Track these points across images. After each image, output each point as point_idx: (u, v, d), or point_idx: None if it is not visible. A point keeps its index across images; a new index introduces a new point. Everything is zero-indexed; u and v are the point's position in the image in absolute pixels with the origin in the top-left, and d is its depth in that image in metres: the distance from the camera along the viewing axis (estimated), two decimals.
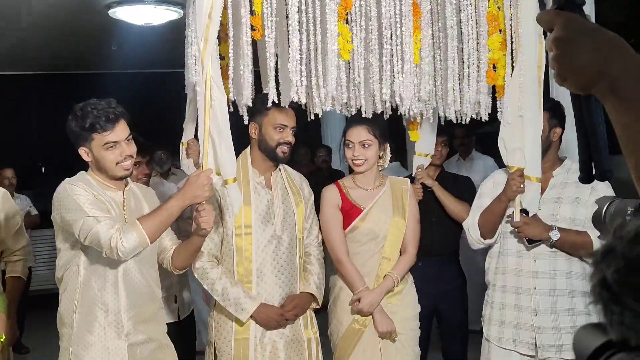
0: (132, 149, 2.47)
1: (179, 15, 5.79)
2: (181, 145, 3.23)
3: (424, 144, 3.45)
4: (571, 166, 2.91)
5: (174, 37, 3.09)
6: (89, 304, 2.43)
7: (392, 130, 3.24)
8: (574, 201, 2.82)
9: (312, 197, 3.04)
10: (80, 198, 2.35)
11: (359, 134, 2.97)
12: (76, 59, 7.76)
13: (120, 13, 5.73)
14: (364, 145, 2.96)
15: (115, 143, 2.39)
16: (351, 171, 3.12)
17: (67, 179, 2.47)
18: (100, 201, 2.40)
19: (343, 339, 2.94)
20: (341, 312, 2.99)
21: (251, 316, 2.74)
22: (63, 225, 2.41)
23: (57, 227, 2.47)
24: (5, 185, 4.83)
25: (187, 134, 3.16)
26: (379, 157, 3.03)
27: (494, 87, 2.85)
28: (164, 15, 5.78)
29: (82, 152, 2.44)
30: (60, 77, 8.58)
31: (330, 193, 3.03)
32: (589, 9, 5.00)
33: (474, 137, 5.63)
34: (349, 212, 3.00)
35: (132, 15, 5.79)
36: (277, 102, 2.57)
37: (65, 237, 2.45)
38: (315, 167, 6.57)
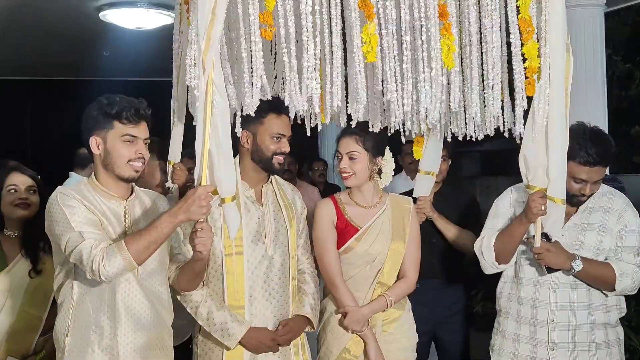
0: (147, 153, 2.30)
1: (173, 19, 5.55)
2: (168, 164, 2.93)
3: (429, 161, 3.19)
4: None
5: (167, 44, 2.81)
6: (82, 326, 2.20)
7: (396, 143, 3.03)
8: (599, 229, 2.63)
9: (305, 212, 2.80)
10: (70, 209, 2.14)
11: (347, 144, 2.77)
12: (66, 65, 7.51)
13: (111, 16, 5.51)
14: (350, 157, 2.76)
15: (134, 138, 2.24)
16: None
17: (59, 187, 2.23)
18: (93, 214, 2.18)
19: None
20: (331, 340, 2.76)
21: (240, 342, 2.48)
22: (53, 239, 2.20)
23: (50, 239, 2.25)
24: None
25: (174, 153, 2.85)
26: (371, 172, 2.79)
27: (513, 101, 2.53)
28: (157, 19, 5.58)
29: (93, 141, 2.24)
30: (49, 83, 8.28)
31: (326, 208, 2.80)
32: (598, 25, 4.80)
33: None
34: (344, 230, 2.78)
35: (124, 19, 5.59)
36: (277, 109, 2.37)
37: (57, 250, 2.23)
38: (311, 181, 6.47)
